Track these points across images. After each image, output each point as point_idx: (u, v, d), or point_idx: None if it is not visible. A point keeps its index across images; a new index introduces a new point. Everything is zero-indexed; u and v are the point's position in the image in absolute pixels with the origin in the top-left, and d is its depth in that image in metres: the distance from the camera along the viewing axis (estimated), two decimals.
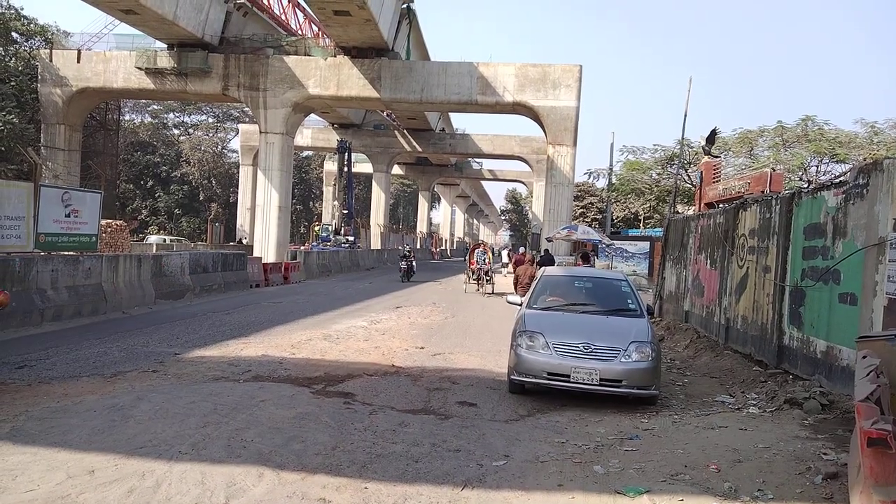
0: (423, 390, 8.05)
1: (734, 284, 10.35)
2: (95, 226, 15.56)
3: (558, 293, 9.19)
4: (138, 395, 7.03)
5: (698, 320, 12.32)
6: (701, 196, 17.27)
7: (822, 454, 5.34)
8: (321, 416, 6.59)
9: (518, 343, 7.80)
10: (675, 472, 5.15)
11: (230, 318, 13.80)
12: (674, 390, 8.59)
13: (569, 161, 32.43)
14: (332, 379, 8.43)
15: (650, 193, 37.71)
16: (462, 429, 6.41)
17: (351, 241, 42.14)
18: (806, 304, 7.91)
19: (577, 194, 45.97)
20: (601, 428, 6.59)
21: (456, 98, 33.01)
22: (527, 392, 7.97)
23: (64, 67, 33.99)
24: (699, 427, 6.51)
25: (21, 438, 5.52)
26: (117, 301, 14.28)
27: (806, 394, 7.00)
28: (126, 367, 8.62)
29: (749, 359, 9.39)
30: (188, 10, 30.26)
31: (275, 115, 33.38)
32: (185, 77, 33.52)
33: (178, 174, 60.70)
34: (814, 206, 7.94)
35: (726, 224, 10.97)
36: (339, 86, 33.03)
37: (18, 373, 8.10)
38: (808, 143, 30.31)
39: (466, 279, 24.62)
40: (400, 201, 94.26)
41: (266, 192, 34.10)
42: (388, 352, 10.66)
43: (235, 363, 9.17)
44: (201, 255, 19.90)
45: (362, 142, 53.05)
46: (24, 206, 12.85)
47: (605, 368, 7.32)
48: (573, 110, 32.09)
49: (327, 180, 63.57)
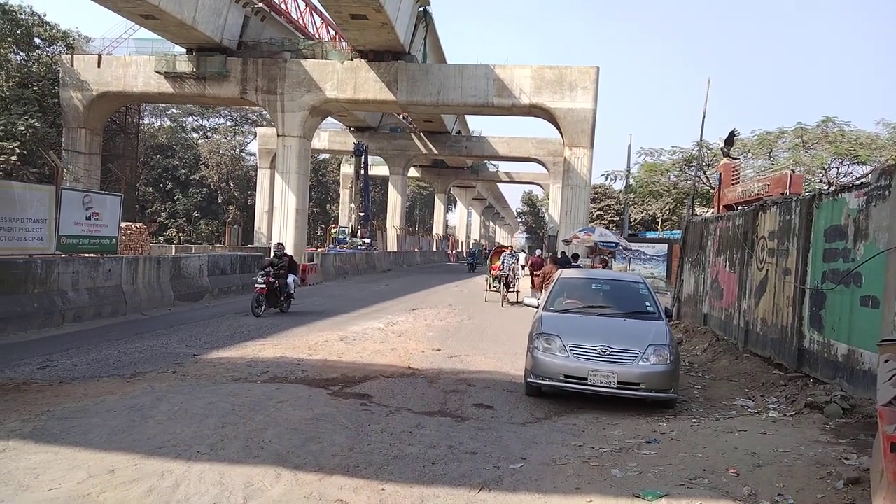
0: (440, 392, 8.05)
1: (754, 287, 10.25)
2: (115, 228, 15.73)
3: (575, 295, 9.15)
4: (158, 396, 7.09)
5: (717, 323, 12.21)
6: (720, 198, 17.13)
7: (844, 459, 5.27)
8: (338, 417, 6.61)
9: (535, 345, 7.77)
10: (693, 477, 5.11)
11: (248, 320, 13.89)
12: (692, 394, 8.52)
13: (586, 163, 32.30)
14: (349, 380, 8.46)
15: (668, 195, 37.51)
16: (479, 431, 6.40)
17: (367, 244, 42.26)
18: (827, 306, 7.81)
19: (594, 196, 45.85)
20: (619, 431, 6.55)
21: (472, 100, 33.01)
22: (544, 395, 7.94)
23: (85, 72, 34.43)
24: (718, 431, 6.45)
25: (43, 438, 5.59)
26: (137, 302, 14.42)
27: (827, 398, 6.91)
28: (145, 368, 8.71)
29: (769, 362, 9.29)
30: (207, 14, 30.54)
31: (292, 119, 33.57)
32: (204, 81, 33.82)
33: (196, 177, 61.19)
34: (834, 208, 7.85)
35: (745, 226, 10.88)
36: (355, 89, 33.16)
37: (40, 373, 8.21)
38: (829, 145, 30.01)
39: (487, 286, 21.78)
40: (416, 204, 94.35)
41: (283, 194, 34.30)
42: (404, 354, 10.68)
43: (253, 364, 9.23)
44: (219, 257, 20.05)
45: (379, 144, 53.21)
46: (46, 208, 13.03)
47: (623, 371, 7.27)
48: (590, 112, 31.96)
49: (344, 183, 63.74)
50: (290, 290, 15.40)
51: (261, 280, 14.54)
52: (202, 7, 29.96)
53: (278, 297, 14.99)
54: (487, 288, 21.64)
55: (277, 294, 14.91)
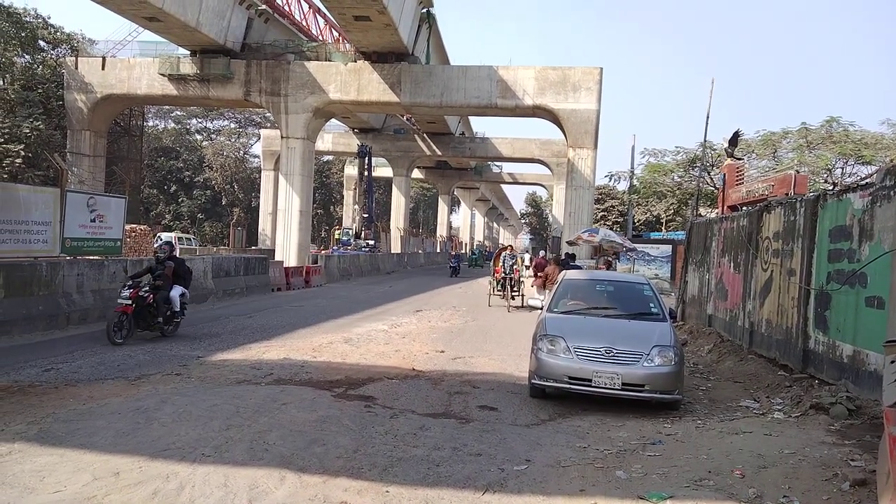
0: (444, 394, 8.05)
1: (758, 288, 10.23)
2: (120, 230, 15.74)
3: (579, 297, 9.14)
4: (162, 398, 7.10)
5: (722, 324, 12.19)
6: (724, 199, 17.12)
7: (850, 460, 5.25)
8: (342, 419, 6.61)
9: (539, 347, 7.77)
10: (698, 478, 5.09)
11: (252, 322, 13.90)
12: (697, 395, 8.51)
13: (589, 164, 32.27)
14: (353, 382, 8.46)
15: (672, 196, 37.48)
16: (483, 433, 6.40)
17: (371, 245, 42.29)
18: (832, 307, 7.79)
19: (598, 197, 45.79)
20: (623, 433, 6.54)
21: (476, 102, 33.02)
22: (548, 396, 7.93)
23: (89, 74, 34.53)
24: (723, 432, 6.44)
25: (48, 440, 5.60)
26: None
27: (832, 399, 6.89)
28: (150, 370, 8.72)
29: (774, 363, 9.27)
30: (210, 17, 30.61)
31: (296, 121, 33.62)
32: (208, 83, 33.89)
33: (200, 179, 61.36)
34: (839, 208, 7.83)
35: (750, 227, 10.85)
36: (359, 91, 33.20)
37: (45, 375, 8.23)
38: (833, 145, 29.95)
39: (490, 289, 21.07)
40: (420, 205, 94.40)
41: (287, 196, 34.34)
42: (408, 355, 10.68)
43: (257, 366, 9.24)
44: (224, 259, 20.10)
45: (382, 146, 53.25)
46: (50, 211, 13.05)
47: (628, 373, 7.26)
48: (594, 113, 31.93)
49: (348, 184, 63.85)
50: (175, 307, 11.66)
51: (125, 294, 10.76)
52: (206, 9, 30.03)
53: (154, 317, 11.24)
54: (490, 292, 20.86)
55: (153, 313, 11.21)
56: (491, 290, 20.89)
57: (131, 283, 11.01)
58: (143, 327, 11.18)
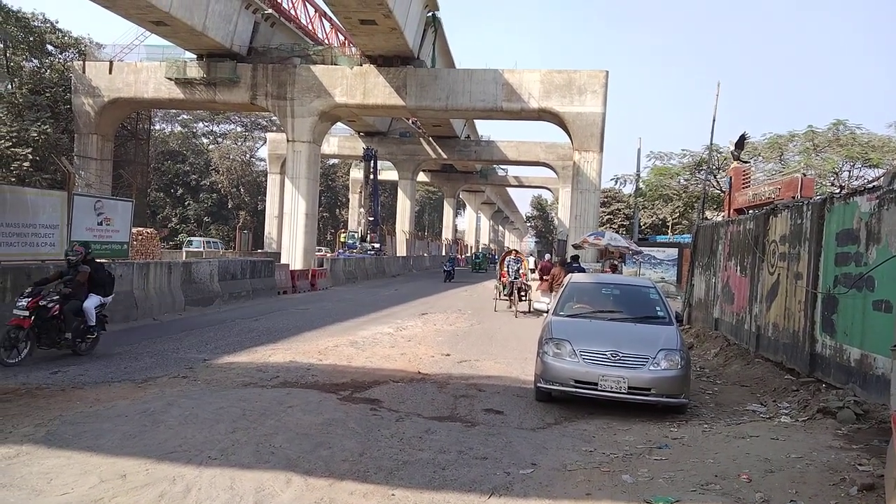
0: (450, 397, 8.05)
1: (765, 291, 10.20)
2: (127, 234, 15.84)
3: (585, 300, 9.13)
4: (169, 401, 7.12)
5: (728, 328, 12.15)
6: (730, 202, 17.07)
7: (858, 465, 5.23)
8: (348, 422, 6.62)
9: (545, 350, 7.76)
10: (705, 482, 5.08)
11: (258, 325, 13.93)
12: (703, 399, 8.48)
13: (595, 167, 32.23)
14: (359, 385, 8.47)
15: (678, 199, 37.40)
16: (489, 436, 6.39)
17: (377, 248, 42.33)
18: (839, 311, 7.76)
19: (604, 200, 45.75)
20: (629, 437, 6.52)
21: (481, 105, 33.03)
22: (554, 400, 7.92)
23: (96, 78, 34.69)
24: (730, 436, 6.42)
25: (55, 442, 5.62)
26: (148, 307, 14.49)
27: (840, 403, 6.86)
28: (157, 373, 8.75)
29: (780, 367, 9.23)
30: (217, 21, 30.73)
31: (302, 124, 33.70)
32: (214, 87, 34.00)
33: (207, 182, 61.56)
34: (846, 211, 7.80)
35: (756, 230, 10.82)
36: (365, 94, 33.26)
37: (53, 378, 8.27)
38: (840, 148, 29.83)
39: (496, 294, 20.30)
40: (425, 208, 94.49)
41: (293, 199, 34.40)
42: (413, 358, 10.68)
43: (264, 369, 9.26)
44: (230, 262, 20.15)
45: (388, 149, 53.33)
46: (58, 214, 13.14)
47: (634, 376, 7.25)
48: (599, 116, 31.91)
49: (353, 188, 63.91)
50: (90, 321, 9.60)
51: (22, 304, 8.90)
52: (212, 13, 30.15)
53: (60, 332, 9.25)
54: (496, 296, 20.19)
55: (60, 327, 9.25)
56: (496, 295, 20.24)
57: (31, 290, 9.16)
58: (46, 344, 9.30)
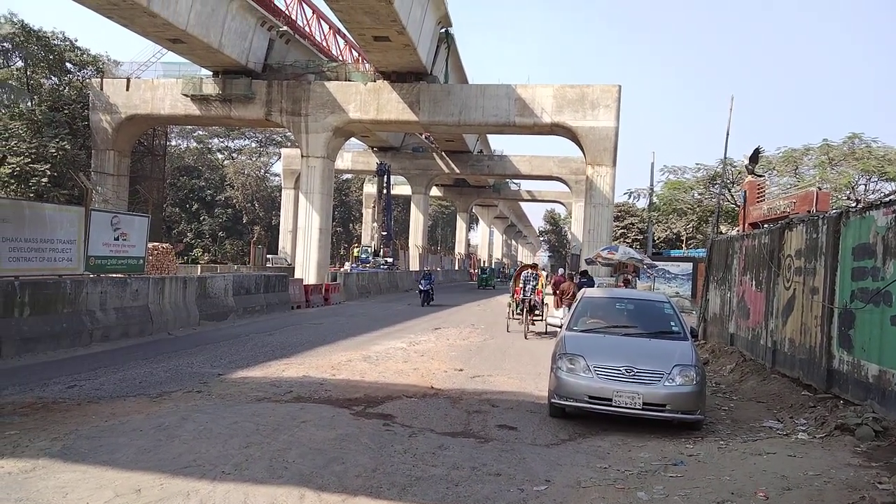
0: (463, 413, 8.02)
1: (781, 306, 10.11)
2: (143, 249, 15.96)
3: (599, 315, 9.09)
4: (183, 416, 7.15)
5: (744, 343, 12.04)
6: (745, 216, 17.01)
7: (878, 483, 5.15)
8: (361, 437, 6.61)
9: (558, 366, 7.72)
10: (721, 500, 5.02)
11: (272, 339, 13.97)
12: (719, 415, 8.40)
13: (608, 181, 32.20)
14: (372, 400, 8.46)
15: (692, 213, 37.24)
16: (502, 452, 6.36)
17: (390, 263, 42.40)
18: (856, 326, 7.67)
19: (618, 214, 45.62)
20: (645, 453, 6.46)
21: (494, 120, 33.15)
22: (568, 416, 7.87)
23: (114, 95, 35.20)
24: (746, 453, 6.35)
25: (71, 457, 5.66)
26: (163, 322, 14.59)
27: (858, 419, 6.77)
28: (171, 388, 8.79)
29: (797, 383, 9.13)
30: (233, 38, 31.12)
31: (316, 140, 33.96)
32: (230, 103, 34.39)
33: (222, 198, 62.03)
34: (862, 225, 7.74)
35: (772, 244, 10.75)
36: (378, 110, 33.49)
37: (69, 392, 8.33)
38: (856, 162, 29.63)
39: (509, 312, 18.40)
40: (438, 223, 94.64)
41: (307, 214, 34.61)
42: (426, 373, 10.66)
43: (277, 384, 9.28)
44: (244, 277, 20.24)
45: (401, 164, 53.58)
46: (75, 229, 13.27)
47: (648, 392, 7.19)
48: (612, 130, 31.91)
49: (367, 202, 64.26)
50: None
51: None
52: (228, 31, 30.54)
53: None
54: (509, 315, 18.30)
55: None
56: (509, 314, 18.36)
57: None
58: None
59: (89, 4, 24.90)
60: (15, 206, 12.79)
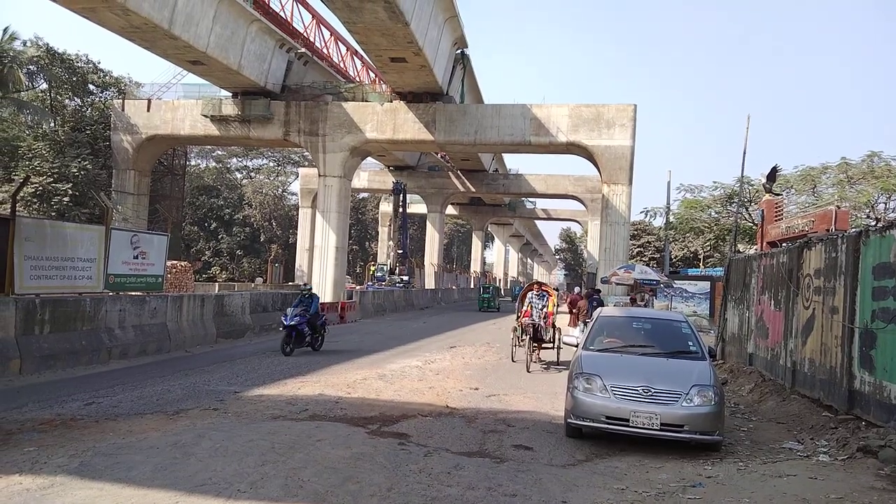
0: (478, 432, 7.98)
1: (800, 326, 10.00)
2: (162, 267, 16.10)
3: (616, 334, 9.03)
4: (199, 433, 7.18)
5: (763, 363, 11.90)
6: (763, 235, 16.87)
7: None
8: (376, 456, 6.59)
9: (575, 385, 7.67)
10: None
11: (288, 357, 14.01)
12: (738, 436, 8.29)
13: (624, 200, 32.13)
14: (387, 419, 8.44)
15: (710, 232, 36.98)
16: (518, 473, 6.31)
17: (405, 281, 42.43)
18: (878, 346, 7.57)
19: (634, 233, 45.41)
20: (663, 474, 6.39)
21: (509, 139, 33.27)
22: (584, 436, 7.80)
23: (135, 116, 35.78)
24: (766, 475, 6.25)
25: (88, 473, 5.70)
26: (181, 340, 14.69)
27: (881, 441, 6.65)
28: (188, 405, 8.83)
29: (818, 404, 9.00)
30: (252, 60, 31.57)
31: (333, 159, 34.25)
32: (249, 123, 34.82)
33: (240, 216, 62.55)
34: (883, 244, 7.65)
35: (790, 264, 10.66)
36: (395, 130, 33.76)
37: (87, 409, 8.39)
38: (875, 180, 29.33)
39: (514, 339, 15.20)
40: (454, 241, 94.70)
41: (324, 233, 34.81)
42: (442, 392, 10.63)
43: (293, 402, 9.29)
44: (261, 294, 20.36)
45: (417, 183, 53.79)
46: (95, 248, 13.44)
47: (666, 413, 7.12)
48: (628, 149, 31.90)
49: (383, 221, 64.48)
50: None
51: None
52: (248, 53, 31.00)
53: None
54: (514, 343, 15.18)
55: None
56: (515, 342, 15.19)
57: None
58: None
59: (113, 28, 25.38)
60: (37, 224, 12.98)
